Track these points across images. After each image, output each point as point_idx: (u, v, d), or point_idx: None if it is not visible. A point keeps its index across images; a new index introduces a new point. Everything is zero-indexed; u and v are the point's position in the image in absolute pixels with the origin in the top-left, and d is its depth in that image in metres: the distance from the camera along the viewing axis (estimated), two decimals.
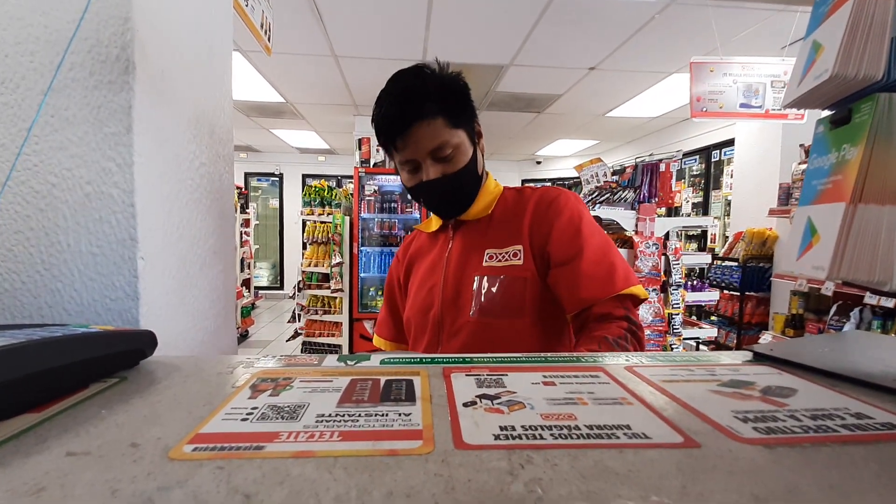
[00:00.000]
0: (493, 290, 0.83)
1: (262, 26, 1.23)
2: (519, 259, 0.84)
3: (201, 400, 0.37)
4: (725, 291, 4.04)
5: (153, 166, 0.62)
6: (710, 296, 3.48)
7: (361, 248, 4.58)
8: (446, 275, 0.89)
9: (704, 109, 2.83)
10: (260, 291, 7.68)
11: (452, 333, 0.85)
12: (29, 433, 0.31)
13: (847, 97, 0.43)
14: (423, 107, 0.78)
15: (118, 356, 0.44)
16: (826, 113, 0.47)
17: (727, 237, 4.51)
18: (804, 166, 3.20)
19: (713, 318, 4.23)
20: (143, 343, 0.46)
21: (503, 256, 0.85)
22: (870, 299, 2.66)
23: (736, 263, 3.89)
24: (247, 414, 0.34)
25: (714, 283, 4.04)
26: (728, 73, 2.84)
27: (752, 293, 3.84)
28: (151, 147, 0.62)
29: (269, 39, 1.30)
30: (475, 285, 0.85)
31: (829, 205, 0.43)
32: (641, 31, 3.13)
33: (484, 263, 0.86)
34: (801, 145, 3.46)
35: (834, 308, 3.05)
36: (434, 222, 1.00)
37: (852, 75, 0.41)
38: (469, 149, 0.85)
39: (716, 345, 3.94)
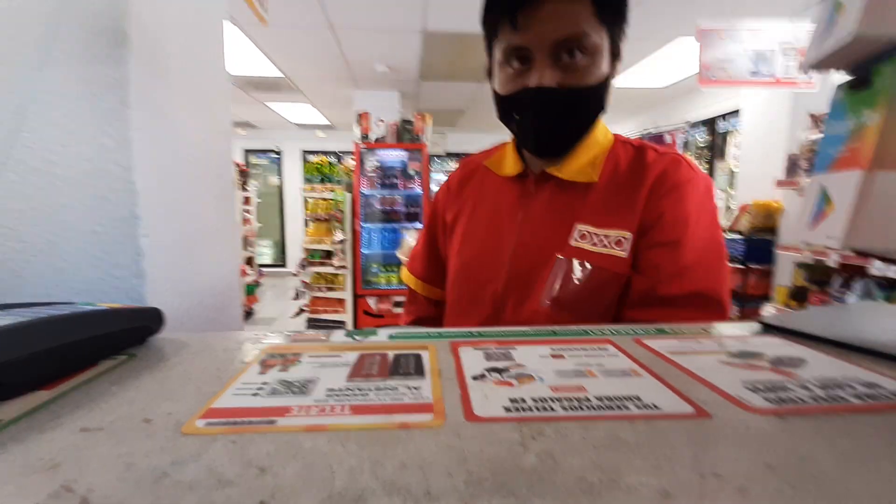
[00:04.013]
0: (577, 281, 0.64)
1: None
2: (623, 250, 0.64)
3: (211, 376, 0.37)
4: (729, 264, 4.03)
5: (151, 142, 0.61)
6: None
7: (363, 225, 4.57)
8: (518, 244, 0.69)
9: (713, 78, 2.76)
10: (263, 269, 7.72)
11: (513, 322, 0.68)
12: (42, 410, 0.31)
13: (869, 59, 0.41)
14: None
15: (126, 333, 0.44)
16: (845, 77, 0.45)
17: (731, 209, 4.48)
18: (814, 135, 3.14)
19: None
20: (151, 320, 0.46)
21: (601, 240, 0.65)
22: (874, 270, 2.65)
23: (740, 236, 3.87)
24: (257, 389, 0.34)
25: None
26: (737, 39, 2.75)
27: (755, 265, 3.84)
28: (149, 122, 0.60)
29: (264, 10, 1.26)
30: (556, 268, 0.66)
31: (844, 172, 0.42)
32: None
33: (572, 242, 0.66)
34: (811, 114, 3.39)
35: (838, 279, 3.04)
36: (510, 165, 0.75)
37: (876, 35, 0.39)
38: (606, 63, 0.63)
39: None
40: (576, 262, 0.65)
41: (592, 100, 0.64)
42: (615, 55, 0.66)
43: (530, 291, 0.67)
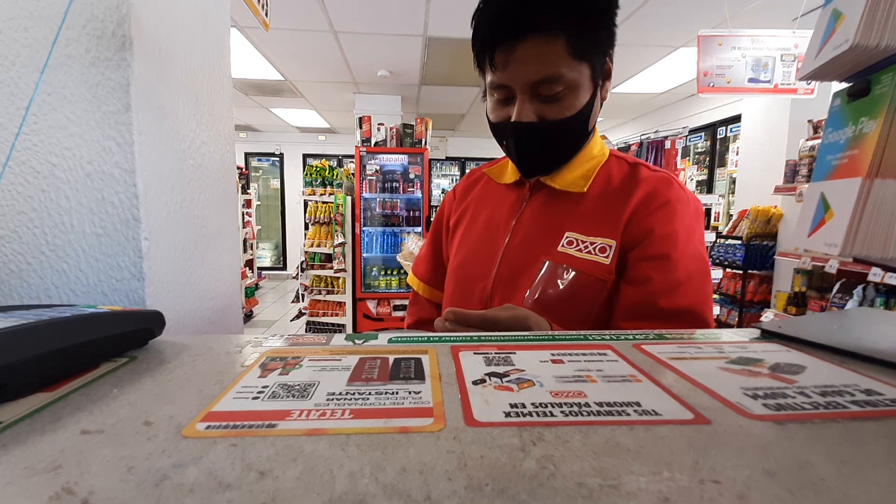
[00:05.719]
0: (561, 284, 0.67)
1: (258, 0, 1.20)
2: (606, 257, 0.67)
3: (212, 379, 0.37)
4: (728, 270, 4.04)
5: (154, 145, 0.61)
6: (713, 274, 3.48)
7: (363, 228, 4.58)
8: (510, 245, 0.73)
9: (712, 84, 2.77)
10: (263, 272, 7.72)
11: None
12: (43, 412, 0.31)
13: (867, 68, 0.42)
14: (543, 16, 0.59)
15: (127, 336, 0.44)
16: (843, 85, 0.45)
17: (731, 215, 4.48)
18: (812, 142, 3.15)
19: (715, 296, 4.24)
20: (152, 323, 0.46)
21: (587, 247, 0.68)
22: (873, 277, 2.66)
23: (739, 242, 3.87)
24: (258, 392, 0.34)
25: (717, 261, 4.04)
26: (737, 46, 2.77)
27: (755, 271, 3.84)
28: (151, 125, 0.61)
29: (266, 14, 1.26)
30: (541, 271, 0.69)
31: (843, 180, 0.42)
32: (648, 3, 3.04)
33: (559, 248, 0.69)
34: (809, 121, 3.40)
35: (837, 286, 3.05)
36: (509, 173, 0.80)
37: (874, 45, 0.39)
38: (587, 91, 0.66)
39: (717, 323, 3.96)
40: (560, 267, 0.68)
41: (571, 129, 0.68)
42: (600, 80, 0.69)
43: (516, 291, 0.70)
